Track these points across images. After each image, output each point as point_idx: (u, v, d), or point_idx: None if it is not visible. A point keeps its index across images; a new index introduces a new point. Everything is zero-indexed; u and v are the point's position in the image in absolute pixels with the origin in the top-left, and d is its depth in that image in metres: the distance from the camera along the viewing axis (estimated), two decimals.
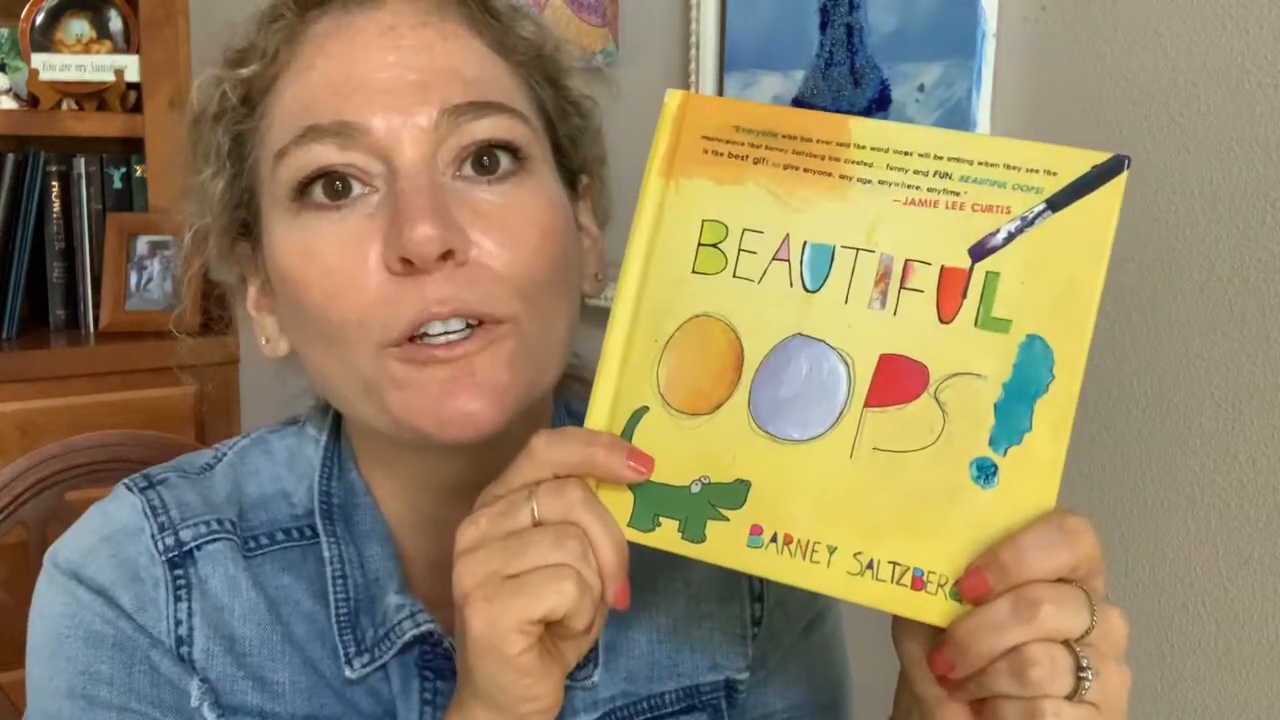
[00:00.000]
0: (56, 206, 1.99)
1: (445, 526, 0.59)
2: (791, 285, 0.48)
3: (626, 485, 0.49)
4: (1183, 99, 0.83)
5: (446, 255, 0.54)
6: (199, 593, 0.60)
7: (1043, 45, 0.91)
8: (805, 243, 0.48)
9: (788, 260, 0.48)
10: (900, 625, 0.50)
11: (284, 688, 0.60)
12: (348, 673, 0.60)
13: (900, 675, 0.55)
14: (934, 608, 0.46)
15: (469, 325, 0.55)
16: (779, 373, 0.48)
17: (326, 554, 0.62)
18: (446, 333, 0.55)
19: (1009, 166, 0.46)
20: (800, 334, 0.48)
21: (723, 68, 1.17)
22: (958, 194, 0.47)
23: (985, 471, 0.46)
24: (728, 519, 0.48)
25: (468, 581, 0.48)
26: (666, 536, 0.49)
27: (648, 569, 0.48)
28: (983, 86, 0.94)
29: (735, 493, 0.48)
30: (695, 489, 0.48)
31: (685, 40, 1.21)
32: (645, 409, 0.50)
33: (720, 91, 1.18)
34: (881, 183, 0.48)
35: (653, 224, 0.50)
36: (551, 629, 0.49)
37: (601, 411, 0.50)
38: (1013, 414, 0.45)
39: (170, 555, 0.60)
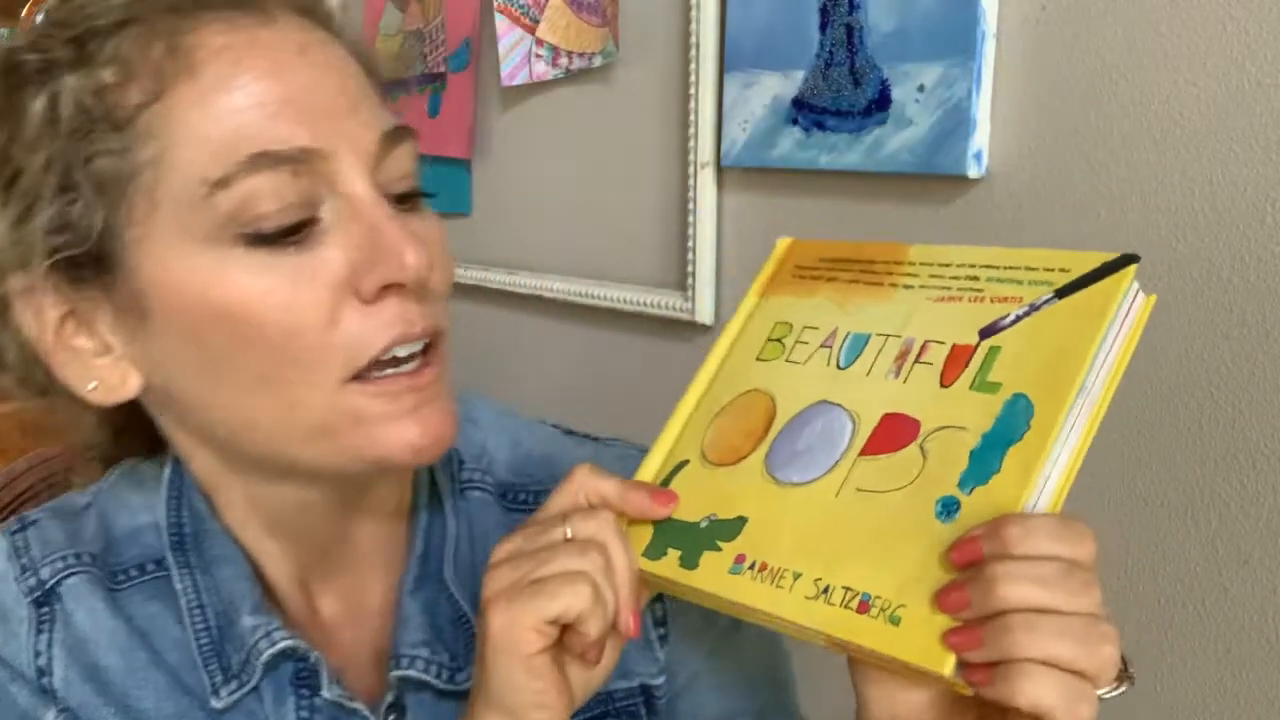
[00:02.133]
0: None
1: (305, 534, 0.61)
2: (829, 364, 0.55)
3: (651, 522, 0.55)
4: (1183, 99, 0.83)
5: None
6: (61, 624, 0.61)
7: (1043, 45, 0.91)
8: (849, 333, 0.56)
9: (831, 347, 0.56)
10: (863, 668, 0.51)
11: (148, 714, 0.60)
12: (214, 703, 0.59)
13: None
14: (872, 631, 0.46)
15: (424, 347, 0.56)
16: (799, 430, 0.54)
17: (179, 586, 0.61)
18: (411, 356, 0.55)
19: (1028, 269, 0.52)
20: (825, 400, 0.54)
21: (722, 68, 1.17)
22: (981, 290, 0.53)
23: (949, 509, 0.47)
24: (720, 549, 0.52)
25: (492, 587, 0.51)
26: (669, 565, 0.53)
27: None
28: (983, 86, 0.94)
29: (733, 527, 0.52)
30: (703, 524, 0.54)
31: (685, 40, 1.21)
32: (686, 462, 0.56)
33: (720, 91, 1.18)
34: (922, 286, 0.55)
35: (739, 329, 0.60)
36: (565, 642, 0.51)
37: (652, 466, 0.57)
38: (985, 459, 0.48)
39: (34, 595, 0.61)
